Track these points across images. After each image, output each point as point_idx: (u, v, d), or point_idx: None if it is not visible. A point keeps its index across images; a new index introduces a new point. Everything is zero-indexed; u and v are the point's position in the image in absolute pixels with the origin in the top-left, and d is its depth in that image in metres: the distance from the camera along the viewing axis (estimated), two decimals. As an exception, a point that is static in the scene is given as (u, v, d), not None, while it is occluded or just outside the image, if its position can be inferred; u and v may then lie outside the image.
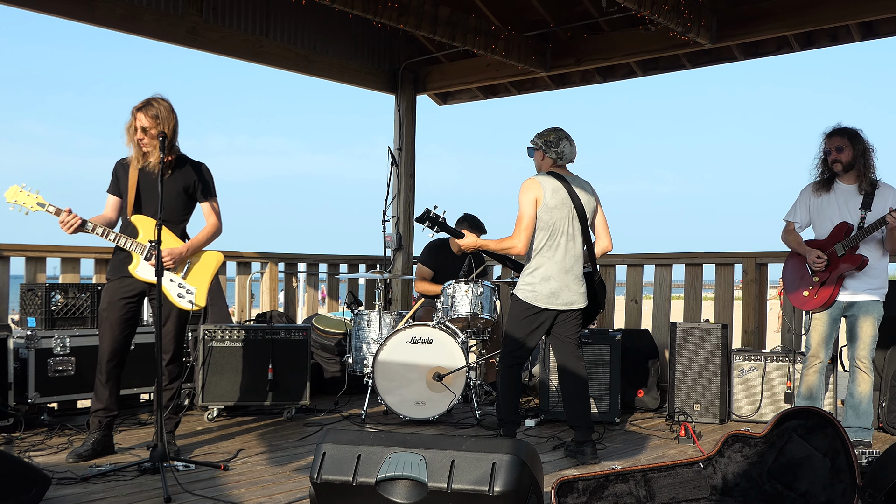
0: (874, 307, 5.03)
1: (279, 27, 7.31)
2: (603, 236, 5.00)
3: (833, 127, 5.16)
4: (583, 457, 4.74)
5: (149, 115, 4.48)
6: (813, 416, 3.64)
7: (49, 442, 5.00)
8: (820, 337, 5.10)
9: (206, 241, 4.73)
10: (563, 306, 4.81)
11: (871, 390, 5.05)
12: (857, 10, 6.26)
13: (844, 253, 4.97)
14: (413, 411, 5.71)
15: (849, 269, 4.97)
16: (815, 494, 3.51)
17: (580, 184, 4.91)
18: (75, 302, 5.73)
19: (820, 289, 5.04)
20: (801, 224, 5.27)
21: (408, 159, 8.37)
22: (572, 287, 4.82)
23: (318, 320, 7.19)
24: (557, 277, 4.79)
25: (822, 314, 5.08)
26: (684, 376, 6.04)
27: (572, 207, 4.81)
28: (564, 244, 4.80)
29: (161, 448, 4.11)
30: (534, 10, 7.48)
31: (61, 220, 4.38)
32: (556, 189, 4.79)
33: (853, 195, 5.07)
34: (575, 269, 4.84)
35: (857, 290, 5.01)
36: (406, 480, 3.21)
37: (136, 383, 5.84)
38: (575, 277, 4.83)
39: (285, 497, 3.92)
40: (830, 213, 5.11)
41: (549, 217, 4.77)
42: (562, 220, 4.79)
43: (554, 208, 4.77)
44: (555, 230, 4.78)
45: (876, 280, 5.03)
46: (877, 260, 5.02)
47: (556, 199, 4.78)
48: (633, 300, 7.35)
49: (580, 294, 4.86)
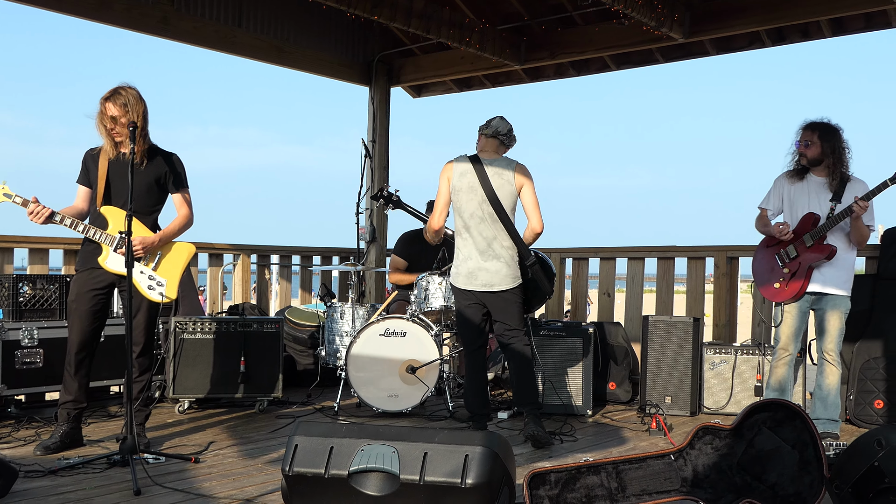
0: (841, 301, 5.09)
1: (252, 17, 7.25)
2: (532, 217, 4.99)
3: (809, 120, 5.21)
4: (528, 431, 4.84)
5: (117, 104, 4.43)
6: (782, 408, 3.68)
7: (16, 434, 4.93)
8: (790, 329, 5.17)
9: (178, 231, 4.69)
10: (482, 287, 4.92)
11: (839, 382, 5.12)
12: (827, 6, 6.32)
13: (813, 243, 5.03)
14: (386, 404, 5.70)
15: (817, 260, 5.03)
16: (784, 486, 3.55)
17: (499, 165, 4.95)
18: (43, 293, 5.66)
19: (790, 280, 5.11)
20: (773, 211, 5.33)
21: (381, 151, 8.35)
22: (490, 268, 4.90)
23: (291, 312, 7.16)
24: (473, 258, 4.94)
25: (793, 306, 5.15)
26: (656, 369, 6.08)
27: (480, 191, 4.89)
28: (475, 226, 4.93)
29: (131, 440, 4.07)
30: (508, 3, 7.48)
31: (29, 211, 4.33)
32: (463, 172, 4.94)
33: (824, 187, 5.13)
34: (491, 251, 4.91)
35: (826, 283, 5.06)
36: (378, 473, 3.20)
37: (106, 375, 5.78)
38: (493, 258, 4.91)
39: (257, 490, 3.90)
40: (801, 202, 5.17)
41: (456, 199, 4.97)
42: (469, 203, 4.92)
43: (460, 191, 4.94)
44: (463, 212, 4.95)
45: (843, 273, 5.09)
46: (844, 252, 5.08)
47: (462, 182, 4.93)
48: (605, 293, 7.38)
49: (501, 276, 4.91)
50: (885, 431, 3.34)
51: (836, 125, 5.17)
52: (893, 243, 5.84)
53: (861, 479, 3.30)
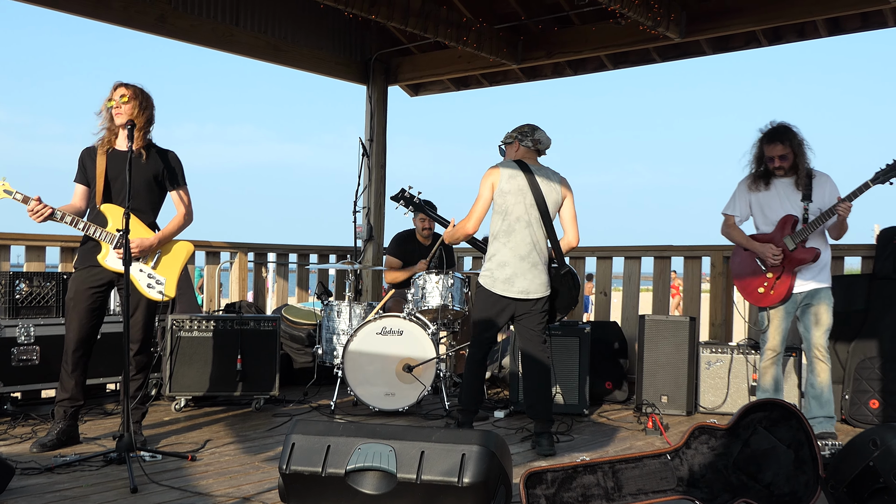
0: (826, 294, 5.09)
1: (249, 16, 7.24)
2: (569, 230, 4.97)
3: (770, 129, 5.14)
4: (539, 448, 4.76)
5: (130, 88, 4.52)
6: (777, 408, 3.69)
7: (13, 432, 4.94)
8: (778, 332, 5.14)
9: (176, 230, 4.69)
10: (518, 294, 4.83)
11: (830, 379, 5.08)
12: (823, 6, 6.33)
13: (795, 246, 5.02)
14: (383, 402, 5.70)
15: (803, 263, 5.02)
16: (779, 485, 3.56)
17: (546, 174, 4.91)
18: (40, 290, 5.66)
19: (776, 284, 5.08)
20: (740, 217, 5.29)
21: (379, 150, 8.35)
22: (528, 275, 4.82)
23: (288, 311, 7.17)
24: (512, 264, 4.82)
25: (780, 308, 5.12)
26: (652, 368, 6.09)
27: (529, 195, 4.83)
28: (519, 231, 4.83)
29: (127, 438, 4.07)
30: (505, 2, 7.49)
31: (30, 209, 4.32)
32: (512, 175, 4.84)
33: (791, 188, 5.11)
34: (531, 257, 4.84)
35: (810, 279, 5.06)
36: (375, 471, 3.21)
37: (103, 373, 5.78)
38: (531, 265, 4.83)
39: (253, 488, 3.90)
40: (773, 206, 5.14)
41: (502, 201, 4.84)
42: (516, 206, 4.82)
43: (508, 193, 4.82)
44: (508, 215, 4.83)
45: (822, 268, 5.09)
46: (824, 251, 5.09)
47: (512, 185, 4.83)
48: (602, 292, 7.39)
49: (538, 283, 4.85)
50: (881, 431, 3.35)
51: (791, 125, 5.13)
52: (889, 243, 5.85)
53: (856, 478, 3.32)
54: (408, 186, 5.55)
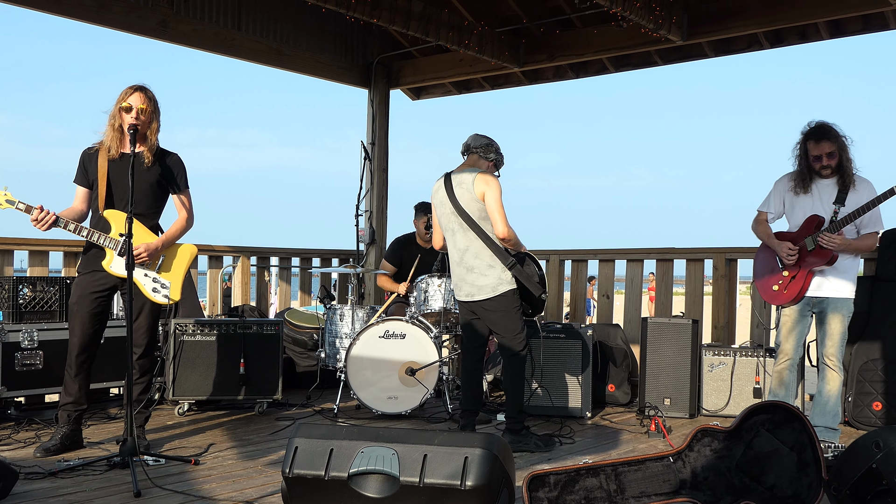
0: (843, 304, 4.93)
1: (251, 20, 7.26)
2: (494, 224, 4.85)
3: (815, 127, 4.99)
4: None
5: (144, 97, 4.48)
6: (780, 410, 3.69)
7: (16, 436, 4.94)
8: (788, 332, 5.04)
9: (179, 234, 4.70)
10: (465, 297, 5.01)
11: (840, 389, 4.94)
12: (825, 8, 6.34)
13: (814, 247, 4.90)
14: (386, 406, 5.71)
15: (818, 265, 4.89)
16: (782, 488, 3.56)
17: (462, 175, 4.97)
18: (44, 295, 5.67)
19: (790, 283, 4.97)
20: (774, 215, 5.18)
21: (381, 154, 8.37)
22: (467, 279, 4.96)
23: (291, 314, 7.17)
24: (454, 271, 5.06)
25: (791, 309, 5.02)
26: (655, 371, 6.08)
27: (448, 204, 4.96)
28: (449, 239, 5.04)
29: (131, 442, 4.07)
30: (507, 5, 7.50)
31: (34, 218, 4.31)
32: (436, 189, 5.08)
33: (830, 188, 4.97)
34: (465, 262, 4.94)
35: (827, 286, 4.93)
36: (378, 474, 3.21)
37: (106, 377, 5.79)
38: (467, 270, 4.94)
39: (256, 491, 3.91)
40: (804, 204, 5.02)
41: (438, 215, 5.10)
42: (443, 217, 5.04)
43: (436, 207, 5.09)
44: (442, 227, 5.09)
45: (846, 276, 4.94)
46: (847, 257, 4.94)
47: (437, 199, 5.07)
48: (604, 295, 7.39)
49: (477, 287, 4.92)
50: (884, 433, 3.35)
51: (834, 124, 4.98)
52: (891, 245, 5.84)
53: (859, 480, 3.31)
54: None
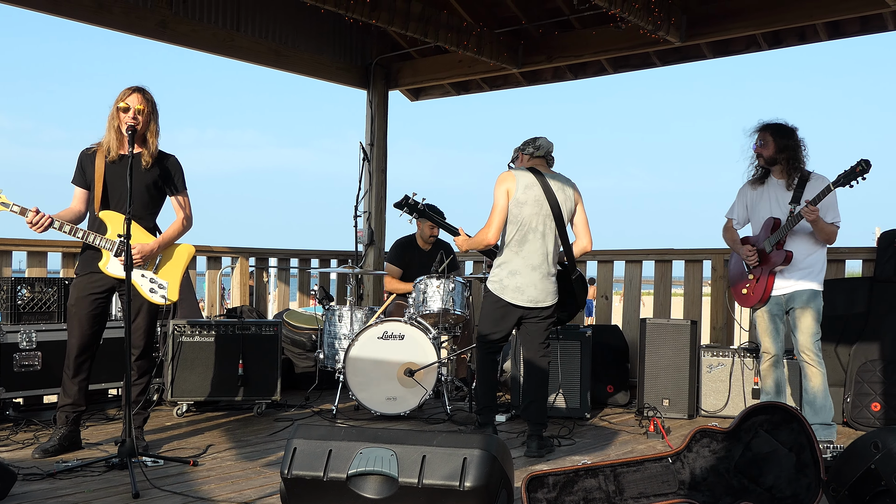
0: (809, 297, 4.97)
1: (250, 21, 7.26)
2: (582, 235, 4.98)
3: (763, 121, 5.20)
4: (528, 450, 4.79)
5: (142, 99, 4.47)
6: (779, 411, 3.69)
7: (15, 437, 4.93)
8: (765, 332, 5.15)
9: (176, 236, 4.69)
10: (528, 303, 4.83)
11: (824, 383, 4.94)
12: (824, 9, 6.33)
13: (771, 249, 5.03)
14: (384, 407, 5.71)
15: (776, 265, 5.01)
16: (781, 489, 3.56)
17: (559, 181, 4.90)
18: (42, 296, 5.67)
19: (755, 286, 5.12)
20: (738, 221, 5.33)
21: (379, 154, 8.36)
22: (539, 285, 4.82)
23: (289, 315, 7.17)
24: (524, 273, 4.81)
25: (762, 310, 5.15)
26: (654, 372, 6.09)
27: (546, 205, 4.81)
28: (533, 241, 4.82)
29: (129, 443, 4.08)
30: (505, 6, 7.50)
31: (29, 221, 4.31)
32: (529, 185, 4.81)
33: (783, 190, 5.11)
34: (543, 268, 4.84)
35: (790, 282, 5.03)
36: (377, 475, 3.21)
37: (105, 378, 5.78)
38: (542, 275, 4.83)
39: (255, 492, 3.90)
40: (762, 207, 5.16)
41: (518, 212, 4.81)
42: (532, 217, 4.81)
43: (524, 203, 4.80)
44: (523, 225, 4.81)
45: (809, 271, 5.01)
46: (807, 253, 5.00)
47: (528, 195, 4.80)
48: (603, 296, 7.39)
49: (547, 293, 4.85)
50: (882, 434, 3.35)
51: (791, 125, 5.12)
52: (889, 246, 5.86)
53: (858, 481, 3.32)
54: (412, 193, 5.51)
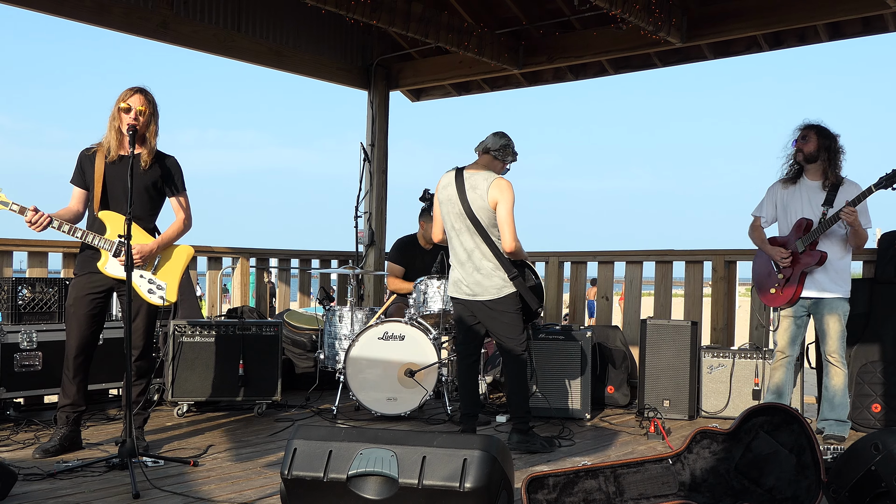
0: (838, 304, 5.15)
1: (251, 21, 7.27)
2: (502, 235, 4.84)
3: (807, 120, 5.28)
4: (508, 441, 4.83)
5: (143, 99, 4.46)
6: (779, 412, 3.69)
7: (15, 437, 4.94)
8: (786, 333, 5.25)
9: (175, 236, 4.69)
10: (465, 295, 4.95)
11: (846, 383, 5.19)
12: (824, 10, 6.34)
13: (804, 249, 5.09)
14: (384, 407, 5.71)
15: (808, 265, 5.10)
16: (781, 490, 3.56)
17: (475, 180, 4.90)
18: (42, 296, 5.67)
19: (785, 286, 5.19)
20: (767, 219, 5.39)
21: (380, 155, 8.37)
22: (471, 278, 4.91)
23: (290, 316, 7.17)
24: (456, 269, 5.01)
25: (788, 311, 5.24)
26: (654, 373, 6.08)
27: (458, 203, 4.91)
28: (454, 238, 4.99)
29: (130, 444, 4.07)
30: (506, 7, 7.50)
31: (28, 220, 4.31)
32: (445, 184, 5.02)
33: (817, 191, 5.19)
34: (472, 262, 4.89)
35: (820, 287, 5.13)
36: (377, 476, 3.21)
37: (105, 378, 5.79)
38: (474, 269, 4.90)
39: (255, 493, 3.90)
40: (795, 207, 5.24)
41: (441, 210, 5.05)
42: (448, 216, 4.99)
43: (442, 202, 5.02)
44: (445, 223, 5.04)
45: (838, 276, 5.14)
46: (838, 258, 5.13)
47: (444, 194, 5.01)
48: (603, 297, 7.39)
49: (483, 287, 4.87)
50: (883, 435, 3.35)
51: (833, 131, 5.24)
52: (890, 247, 5.85)
53: (858, 483, 3.32)
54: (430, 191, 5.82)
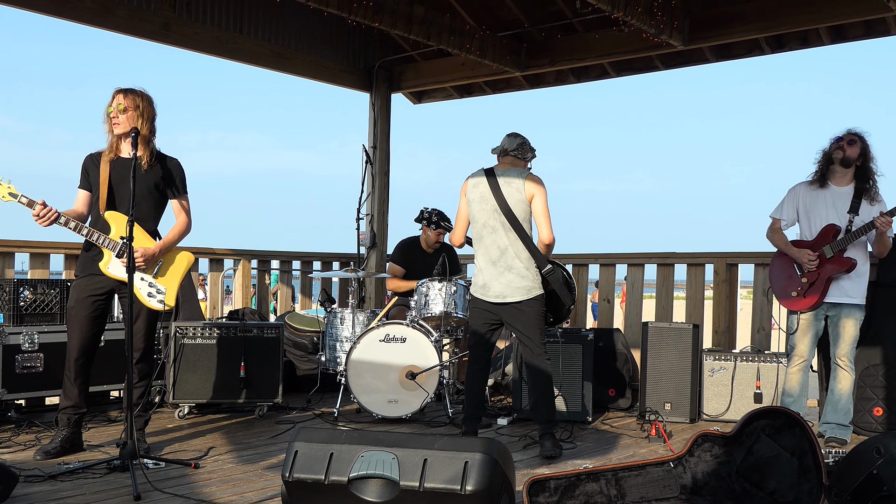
0: (857, 310, 5.23)
1: (253, 23, 7.27)
2: (540, 229, 4.91)
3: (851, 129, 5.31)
4: (542, 449, 4.81)
5: (128, 97, 4.48)
6: (781, 415, 3.69)
7: (16, 439, 4.94)
8: (806, 337, 5.29)
9: (177, 239, 4.69)
10: (495, 299, 4.90)
11: (852, 388, 5.23)
12: (826, 14, 6.34)
13: (833, 255, 5.13)
14: (386, 410, 5.70)
15: (837, 272, 5.15)
16: (783, 493, 3.56)
17: (509, 175, 4.94)
18: (44, 298, 5.67)
19: (809, 290, 5.22)
20: (787, 222, 5.42)
21: (382, 157, 8.37)
22: (501, 279, 4.88)
23: (291, 318, 7.17)
24: (485, 269, 4.95)
25: (809, 315, 5.28)
26: (655, 376, 6.08)
27: (492, 199, 4.90)
28: (486, 236, 4.94)
29: (131, 445, 4.08)
30: (508, 9, 7.50)
31: (35, 214, 4.31)
32: (476, 184, 4.99)
33: (843, 198, 5.21)
34: (503, 262, 4.88)
35: (843, 293, 5.19)
36: (378, 479, 3.21)
37: (106, 380, 5.78)
38: (505, 269, 4.87)
39: (256, 495, 3.90)
40: (820, 212, 5.27)
41: (471, 210, 5.00)
42: (481, 213, 4.94)
43: (473, 202, 4.98)
44: (476, 222, 4.98)
45: (860, 283, 5.21)
46: (861, 263, 5.19)
47: (475, 193, 4.97)
48: (605, 299, 7.39)
49: (513, 287, 4.86)
50: (884, 439, 3.35)
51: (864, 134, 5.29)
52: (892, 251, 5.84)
53: (860, 486, 3.31)
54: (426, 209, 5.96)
